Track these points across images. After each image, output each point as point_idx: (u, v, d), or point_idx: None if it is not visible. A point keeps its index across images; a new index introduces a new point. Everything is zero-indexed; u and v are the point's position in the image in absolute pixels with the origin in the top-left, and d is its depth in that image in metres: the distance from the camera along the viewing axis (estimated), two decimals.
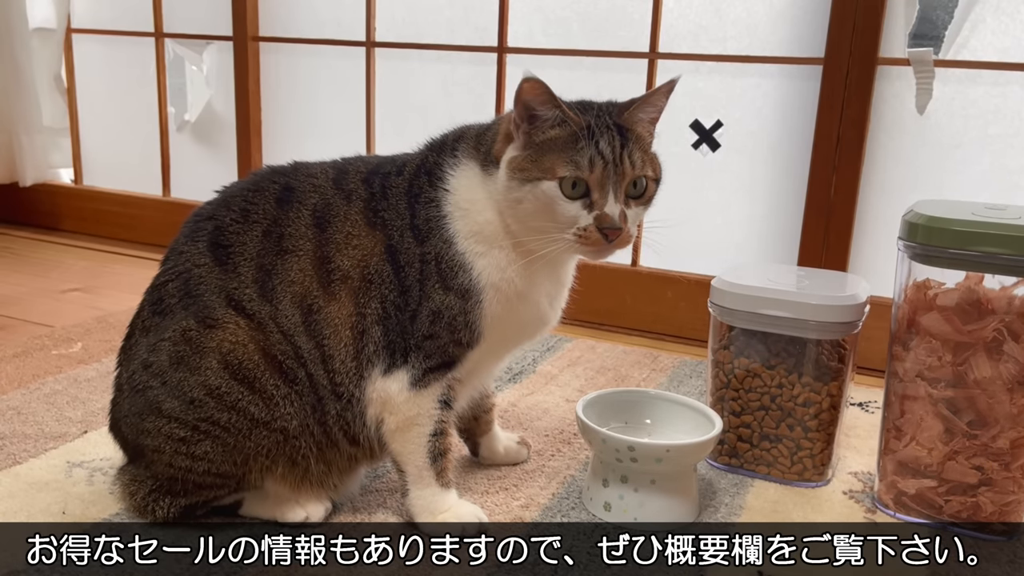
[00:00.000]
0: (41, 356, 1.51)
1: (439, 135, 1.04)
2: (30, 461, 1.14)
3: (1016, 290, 1.01)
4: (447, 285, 0.95)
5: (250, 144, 2.25)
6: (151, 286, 1.01)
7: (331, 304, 0.96)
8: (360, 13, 2.09)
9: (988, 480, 1.04)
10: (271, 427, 0.95)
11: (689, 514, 1.06)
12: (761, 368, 1.16)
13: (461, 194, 0.97)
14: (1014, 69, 1.54)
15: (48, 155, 2.55)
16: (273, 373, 0.95)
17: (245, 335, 0.95)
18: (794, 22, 1.68)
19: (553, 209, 0.92)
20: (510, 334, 1.02)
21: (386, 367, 0.97)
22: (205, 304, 0.96)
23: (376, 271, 0.96)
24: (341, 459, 1.01)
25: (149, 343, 0.97)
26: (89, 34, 2.48)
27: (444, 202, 0.97)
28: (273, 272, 0.96)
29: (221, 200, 1.01)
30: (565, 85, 1.93)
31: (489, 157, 0.97)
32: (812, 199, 1.68)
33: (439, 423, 0.99)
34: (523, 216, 0.95)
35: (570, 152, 0.92)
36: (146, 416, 0.96)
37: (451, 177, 0.98)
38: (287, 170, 1.02)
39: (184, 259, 0.98)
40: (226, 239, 0.98)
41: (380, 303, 0.96)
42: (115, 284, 2.04)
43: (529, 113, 0.93)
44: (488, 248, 0.96)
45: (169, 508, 0.98)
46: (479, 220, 0.96)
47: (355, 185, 1.00)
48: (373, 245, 0.97)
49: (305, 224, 0.97)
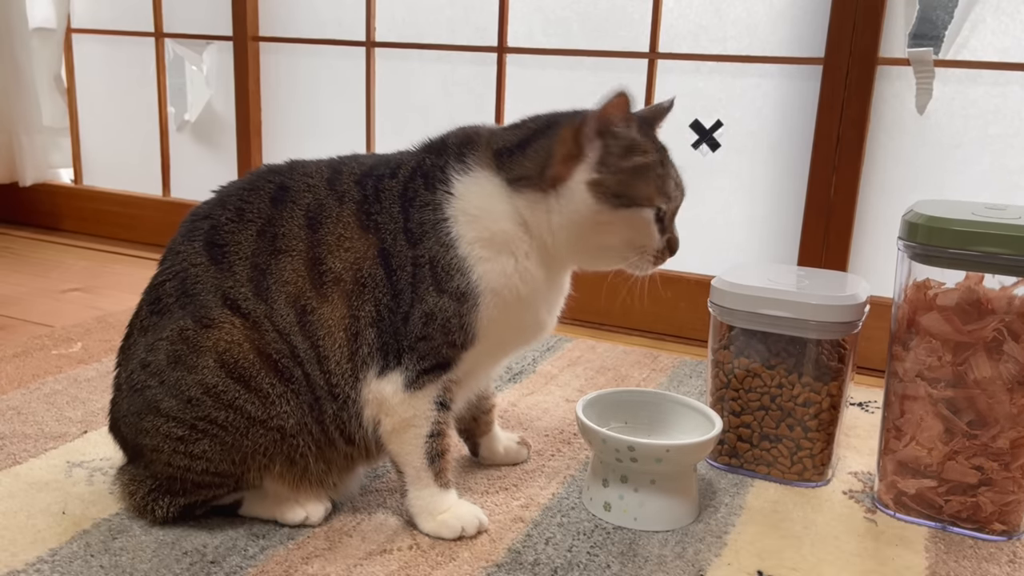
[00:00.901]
0: (41, 356, 1.52)
1: (436, 137, 1.03)
2: (30, 461, 1.14)
3: (1016, 290, 1.01)
4: (441, 288, 0.95)
5: (250, 144, 2.25)
6: (149, 286, 1.01)
7: (324, 306, 0.96)
8: (360, 13, 2.09)
9: (988, 480, 1.04)
10: (268, 425, 0.95)
11: (689, 514, 1.06)
12: (761, 368, 1.16)
13: (470, 200, 0.96)
14: (1014, 69, 1.54)
15: (48, 155, 2.55)
16: (269, 372, 0.95)
17: (240, 334, 0.95)
18: (794, 22, 1.69)
19: (640, 233, 0.96)
20: (507, 338, 1.02)
21: (380, 369, 0.96)
22: (201, 303, 0.96)
23: (369, 274, 0.96)
24: (339, 458, 1.01)
25: (147, 343, 0.97)
26: (89, 34, 2.48)
27: (446, 205, 0.96)
28: (267, 272, 0.96)
29: (217, 199, 1.01)
30: (565, 85, 1.95)
31: (518, 173, 0.96)
32: (812, 199, 1.68)
33: (436, 424, 0.99)
34: (600, 236, 0.96)
35: (659, 181, 0.95)
36: (144, 415, 0.96)
37: (457, 182, 0.97)
38: (283, 169, 1.02)
39: (181, 259, 0.98)
40: (221, 238, 0.98)
41: (374, 306, 0.96)
42: (115, 284, 2.04)
43: (607, 130, 0.93)
44: (495, 254, 0.95)
45: (168, 508, 0.98)
46: (492, 228, 0.96)
47: (348, 186, 0.99)
48: (366, 248, 0.96)
49: (298, 224, 0.97)
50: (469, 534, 1.00)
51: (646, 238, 0.96)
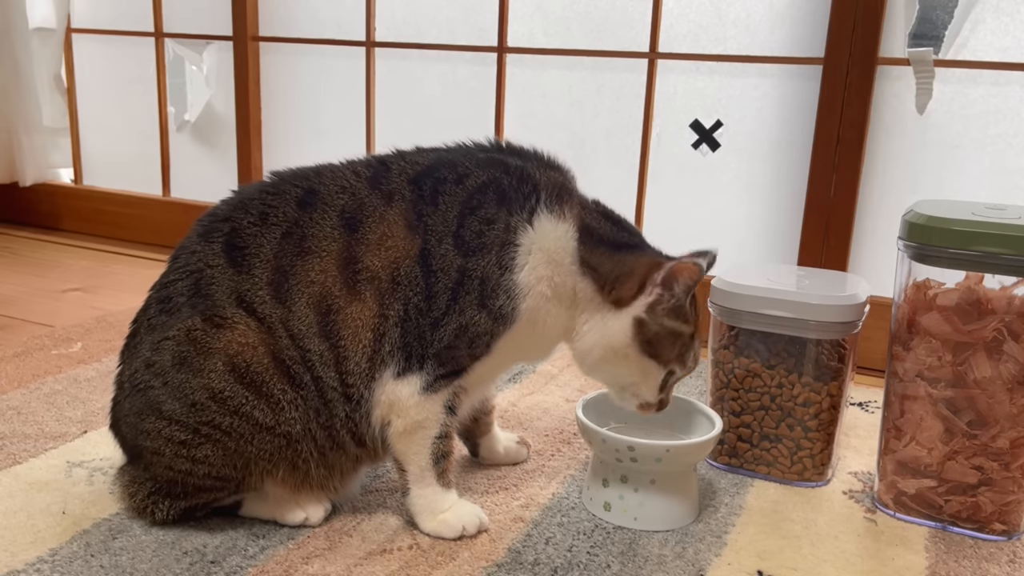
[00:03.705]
0: (41, 356, 1.52)
1: (510, 161, 1.00)
2: (30, 461, 1.14)
3: (1016, 290, 1.01)
4: (484, 304, 0.95)
5: (250, 144, 2.25)
6: (159, 283, 0.99)
7: (353, 304, 0.94)
8: (360, 13, 2.09)
9: (988, 480, 1.04)
10: (275, 432, 0.95)
11: (689, 514, 1.06)
12: (761, 368, 1.16)
13: (548, 244, 0.97)
14: (1014, 69, 1.54)
15: (48, 155, 2.55)
16: (281, 377, 0.94)
17: (255, 337, 0.94)
18: (794, 22, 1.69)
19: (645, 382, 1.02)
20: (518, 356, 1.06)
21: (399, 370, 0.96)
22: (214, 303, 0.95)
23: (406, 273, 0.95)
24: (347, 461, 1.01)
25: (153, 341, 0.96)
26: (89, 34, 2.48)
27: (521, 233, 0.96)
28: (290, 273, 0.95)
29: (238, 202, 0.99)
30: (565, 85, 1.95)
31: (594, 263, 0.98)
32: (812, 199, 1.68)
33: (444, 426, 1.00)
34: (614, 361, 1.01)
35: (683, 350, 1.01)
36: (146, 416, 0.96)
37: (544, 220, 0.97)
38: (308, 174, 1.00)
39: (197, 258, 0.97)
40: (242, 240, 0.96)
41: (403, 305, 0.95)
42: (115, 284, 2.04)
43: (670, 285, 0.97)
44: (549, 298, 0.98)
45: (168, 510, 0.98)
46: (555, 280, 0.97)
47: (398, 185, 0.97)
48: (409, 248, 0.95)
49: (331, 225, 0.96)
50: (469, 534, 1.00)
51: (647, 389, 1.03)
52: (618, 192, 1.86)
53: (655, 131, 1.84)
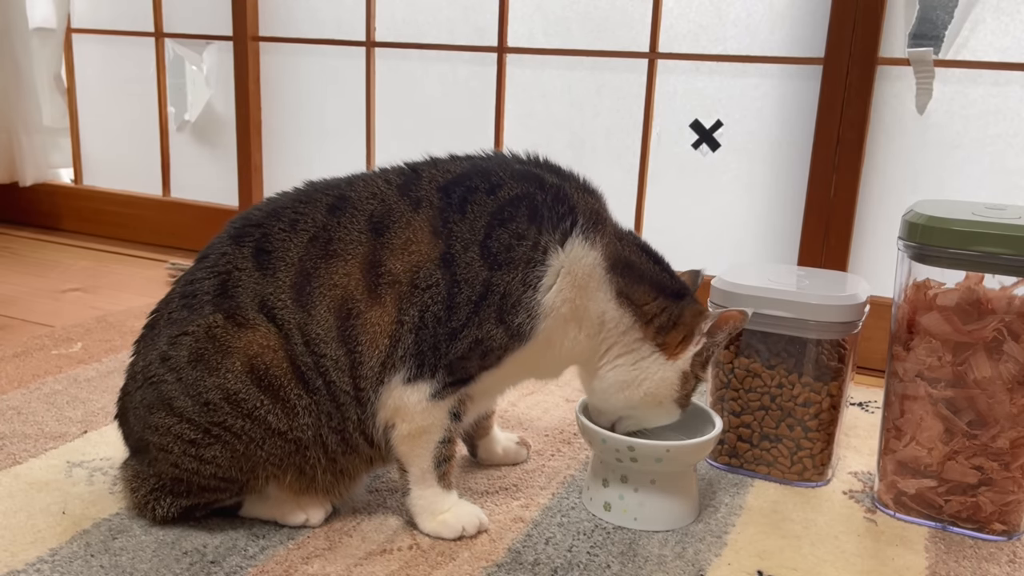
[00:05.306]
0: (41, 356, 1.52)
1: (549, 176, 1.00)
2: (30, 461, 1.14)
3: (1016, 290, 1.01)
4: (503, 319, 0.95)
5: (250, 144, 2.25)
6: (185, 280, 0.99)
7: (373, 309, 0.94)
8: (360, 13, 2.09)
9: (988, 480, 1.04)
10: (287, 437, 0.95)
11: (689, 514, 1.06)
12: (761, 368, 1.16)
13: (578, 269, 0.96)
14: (1014, 69, 1.54)
15: (48, 155, 2.55)
16: (297, 383, 0.94)
17: (276, 340, 0.94)
18: (794, 22, 1.69)
19: (659, 420, 1.06)
20: (528, 372, 1.06)
21: (409, 376, 0.96)
22: (238, 305, 0.94)
23: (425, 277, 0.94)
24: (360, 463, 1.00)
25: (171, 335, 0.96)
26: (89, 34, 2.48)
27: (551, 253, 0.95)
28: (314, 276, 0.95)
29: (271, 210, 0.99)
30: (565, 85, 1.94)
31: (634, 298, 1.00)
32: (812, 199, 1.68)
33: (448, 431, 1.00)
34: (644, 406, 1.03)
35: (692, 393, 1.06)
36: (156, 411, 0.95)
37: (576, 243, 0.96)
38: (341, 183, 1.00)
39: (227, 260, 0.97)
40: (271, 244, 0.96)
41: (420, 311, 0.94)
42: (115, 284, 2.04)
43: (715, 334, 1.01)
44: (570, 321, 0.98)
45: (170, 508, 0.98)
46: (579, 304, 0.97)
47: (427, 192, 0.97)
48: (430, 252, 0.95)
49: (358, 230, 0.96)
50: (469, 534, 1.00)
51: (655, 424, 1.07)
52: (618, 192, 1.86)
53: (655, 131, 1.84)
